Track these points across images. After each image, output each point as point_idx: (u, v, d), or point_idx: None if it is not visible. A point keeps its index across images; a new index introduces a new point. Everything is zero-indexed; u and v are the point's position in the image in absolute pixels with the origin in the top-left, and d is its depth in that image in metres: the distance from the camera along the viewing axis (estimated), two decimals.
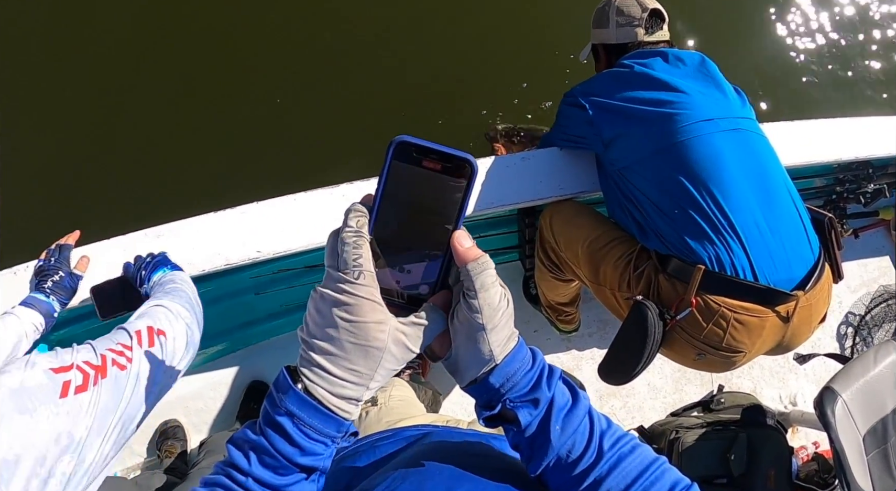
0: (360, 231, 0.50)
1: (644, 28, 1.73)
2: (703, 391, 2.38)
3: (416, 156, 0.49)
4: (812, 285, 1.48)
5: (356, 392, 0.52)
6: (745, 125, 1.56)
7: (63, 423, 0.71)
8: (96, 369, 0.79)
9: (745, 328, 1.46)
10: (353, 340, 0.50)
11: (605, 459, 0.54)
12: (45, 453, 0.68)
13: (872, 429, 1.80)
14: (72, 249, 1.51)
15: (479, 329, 0.52)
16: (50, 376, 0.73)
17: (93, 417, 0.75)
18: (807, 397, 2.41)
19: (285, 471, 0.51)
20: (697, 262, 1.46)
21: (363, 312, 0.49)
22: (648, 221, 1.57)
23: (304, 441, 0.50)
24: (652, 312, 1.48)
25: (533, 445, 0.56)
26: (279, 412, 0.50)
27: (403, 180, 0.50)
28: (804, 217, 1.54)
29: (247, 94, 2.77)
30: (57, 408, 0.71)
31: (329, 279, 0.51)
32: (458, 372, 0.57)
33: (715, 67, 1.65)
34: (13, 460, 0.65)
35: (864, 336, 2.45)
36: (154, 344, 0.93)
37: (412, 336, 0.52)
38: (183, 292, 1.15)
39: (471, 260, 0.51)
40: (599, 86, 1.67)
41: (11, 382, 0.70)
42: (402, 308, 0.53)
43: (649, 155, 1.55)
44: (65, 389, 0.73)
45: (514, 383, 0.54)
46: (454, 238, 0.51)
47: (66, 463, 0.71)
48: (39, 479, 0.67)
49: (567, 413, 0.55)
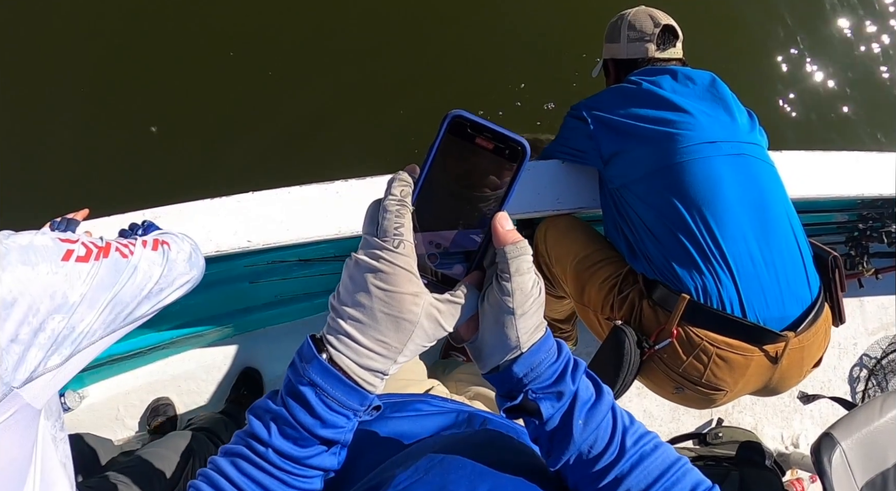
0: (404, 200, 0.49)
1: (655, 44, 1.67)
2: (701, 422, 2.30)
3: (470, 132, 0.48)
4: (806, 327, 1.40)
5: (383, 365, 0.51)
6: (749, 150, 1.49)
7: (60, 282, 0.75)
8: (99, 249, 0.85)
9: (728, 366, 1.40)
10: (386, 310, 0.49)
11: (627, 457, 0.53)
12: (38, 305, 0.72)
13: (871, 482, 1.70)
14: (79, 225, 1.55)
15: (508, 313, 0.51)
16: (56, 242, 0.79)
17: (88, 286, 0.80)
18: (810, 439, 2.30)
19: (305, 442, 0.50)
20: (683, 290, 1.41)
21: (399, 282, 0.48)
22: (639, 243, 1.52)
23: (325, 413, 0.50)
24: (630, 339, 1.43)
25: (553, 439, 0.54)
26: (302, 382, 0.50)
27: (453, 155, 0.49)
28: (805, 252, 1.46)
29: (251, 84, 2.79)
30: (57, 267, 0.76)
31: (366, 245, 0.50)
32: (481, 357, 0.55)
33: (726, 88, 1.58)
34: (10, 302, 0.69)
35: (878, 381, 2.32)
36: (157, 249, 1.00)
37: (446, 313, 0.51)
38: (187, 236, 1.21)
39: (510, 242, 0.50)
40: (604, 101, 1.63)
41: (21, 240, 0.75)
42: (433, 285, 0.52)
43: (646, 174, 1.50)
44: (67, 255, 0.78)
45: (538, 374, 0.53)
46: (496, 219, 0.50)
47: (57, 321, 0.75)
48: (30, 327, 0.71)
49: (591, 408, 0.54)
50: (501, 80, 2.90)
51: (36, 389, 0.75)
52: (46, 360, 0.75)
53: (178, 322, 2.01)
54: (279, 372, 2.24)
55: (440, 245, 0.51)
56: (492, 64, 2.92)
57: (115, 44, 2.76)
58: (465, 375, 1.54)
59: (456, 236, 0.51)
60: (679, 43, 1.70)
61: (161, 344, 2.03)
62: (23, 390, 0.72)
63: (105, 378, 2.13)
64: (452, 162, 0.49)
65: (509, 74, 2.91)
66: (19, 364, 0.70)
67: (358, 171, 1.77)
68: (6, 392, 0.69)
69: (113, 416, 2.14)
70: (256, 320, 2.20)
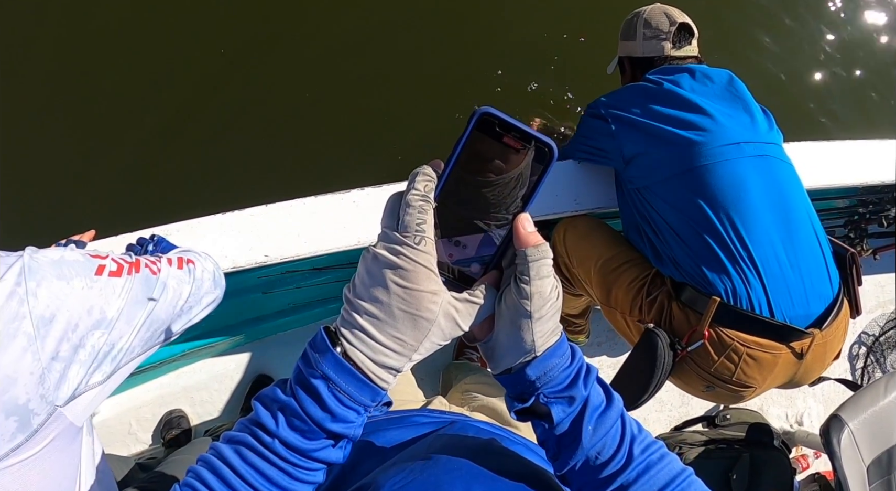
0: (427, 196, 0.48)
1: (671, 42, 1.67)
2: (709, 405, 2.36)
3: (498, 130, 0.47)
4: (829, 323, 1.44)
5: (398, 362, 0.50)
6: (771, 151, 1.50)
7: (96, 297, 0.74)
8: (130, 264, 0.84)
9: (757, 364, 1.43)
10: (404, 307, 0.48)
11: (634, 465, 0.53)
12: (77, 320, 0.70)
13: (877, 459, 1.78)
14: (85, 247, 1.49)
15: (525, 316, 0.50)
16: (86, 257, 0.77)
17: (125, 301, 0.79)
18: (813, 418, 2.39)
19: (313, 435, 0.50)
20: (713, 293, 1.43)
21: (418, 280, 0.48)
22: (664, 246, 1.53)
23: (336, 407, 0.49)
24: (662, 342, 1.45)
25: (561, 444, 0.54)
26: (314, 375, 0.49)
27: (479, 152, 0.48)
28: (826, 252, 1.50)
29: (261, 96, 2.73)
30: (91, 282, 0.74)
31: (385, 240, 0.49)
32: (494, 358, 0.55)
33: (743, 87, 1.59)
34: (49, 318, 0.67)
35: (876, 357, 2.42)
36: (183, 268, 0.99)
37: (464, 313, 0.51)
38: (208, 255, 1.20)
39: (531, 245, 0.49)
40: (625, 100, 1.62)
41: (52, 255, 0.73)
42: (450, 283, 0.51)
43: (670, 176, 1.50)
44: (100, 270, 0.77)
45: (551, 378, 0.52)
46: (518, 220, 0.50)
47: (97, 337, 0.74)
48: (70, 344, 0.70)
49: (601, 414, 0.54)
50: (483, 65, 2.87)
51: (78, 408, 0.73)
52: (88, 377, 0.73)
53: (189, 335, 1.97)
54: None
55: (459, 243, 0.51)
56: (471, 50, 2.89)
57: (120, 45, 2.67)
58: (475, 385, 1.55)
59: (476, 235, 0.51)
60: (694, 40, 1.70)
61: (172, 358, 2.00)
62: (66, 409, 0.71)
63: (116, 393, 2.08)
64: (478, 159, 0.48)
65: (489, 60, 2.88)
66: (61, 382, 0.69)
67: (351, 179, 1.75)
68: (51, 412, 0.68)
69: (126, 431, 2.10)
70: (268, 328, 2.17)
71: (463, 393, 1.51)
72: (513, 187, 0.49)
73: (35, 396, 0.66)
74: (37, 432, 0.67)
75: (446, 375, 2.16)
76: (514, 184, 0.49)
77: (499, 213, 0.50)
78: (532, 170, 0.49)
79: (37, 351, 0.66)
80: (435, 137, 2.68)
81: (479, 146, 0.48)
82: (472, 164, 0.48)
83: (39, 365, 0.66)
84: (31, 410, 0.66)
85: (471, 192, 0.49)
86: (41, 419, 0.67)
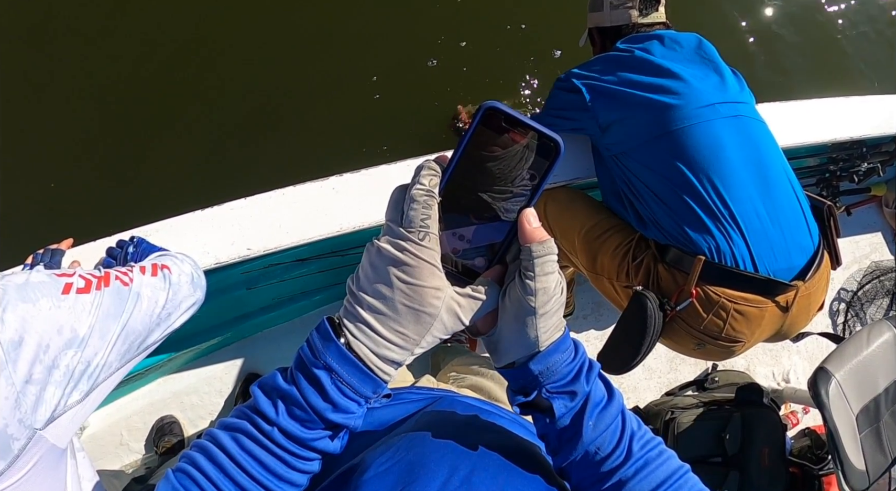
0: (432, 191, 0.48)
1: (638, 10, 1.68)
2: (698, 370, 2.40)
3: (504, 125, 0.47)
4: (812, 274, 1.47)
5: (400, 355, 0.50)
6: (744, 111, 1.53)
7: (65, 316, 0.73)
8: (99, 279, 0.83)
9: (745, 318, 1.46)
10: (407, 303, 0.48)
11: (633, 461, 0.54)
12: (48, 341, 0.70)
13: (865, 408, 1.83)
14: (63, 255, 1.46)
15: (529, 313, 0.50)
16: (52, 277, 0.76)
17: (95, 317, 0.78)
18: (799, 374, 2.44)
19: (313, 425, 0.50)
20: (697, 252, 1.45)
21: (422, 276, 0.48)
22: (646, 210, 1.55)
23: (338, 398, 0.49)
24: (652, 303, 1.47)
25: (562, 438, 0.55)
26: (317, 365, 0.49)
27: (484, 147, 0.48)
28: (804, 205, 1.53)
29: (231, 87, 2.69)
30: (59, 302, 0.73)
31: (390, 234, 0.49)
32: (497, 352, 0.55)
33: (713, 49, 1.60)
34: (18, 341, 0.66)
35: (856, 311, 2.48)
36: (157, 274, 0.97)
37: (466, 308, 0.51)
38: (186, 256, 1.18)
39: (536, 240, 0.49)
40: (597, 69, 1.63)
41: (17, 280, 0.72)
42: (454, 277, 0.51)
43: (648, 141, 1.52)
44: (66, 288, 0.76)
45: (554, 373, 0.53)
46: (523, 215, 0.50)
47: (71, 356, 0.73)
48: (43, 365, 0.69)
49: (602, 410, 0.54)
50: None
51: (59, 429, 0.72)
52: (66, 397, 0.73)
53: (174, 339, 1.92)
54: None
55: (464, 237, 0.51)
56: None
57: (95, 39, 2.62)
58: (462, 366, 1.55)
59: (480, 229, 0.51)
60: (661, 6, 1.71)
61: (159, 364, 1.96)
62: (46, 432, 0.70)
63: (104, 405, 2.04)
64: (483, 154, 0.48)
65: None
66: (38, 405, 0.68)
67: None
68: (30, 436, 0.67)
69: (117, 442, 2.06)
70: (253, 326, 2.15)
71: (451, 374, 1.52)
72: (518, 182, 0.49)
73: (12, 420, 0.65)
74: (18, 457, 0.66)
75: (435, 357, 2.16)
76: (519, 179, 0.49)
77: (504, 207, 0.50)
78: (538, 165, 0.49)
79: (9, 375, 0.65)
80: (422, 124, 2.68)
81: (485, 141, 0.48)
82: (477, 158, 0.48)
83: (13, 389, 0.65)
84: (10, 435, 0.65)
85: (475, 186, 0.49)
86: (21, 444, 0.66)
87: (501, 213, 0.50)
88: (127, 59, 2.63)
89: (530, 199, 0.50)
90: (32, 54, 2.59)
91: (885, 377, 1.85)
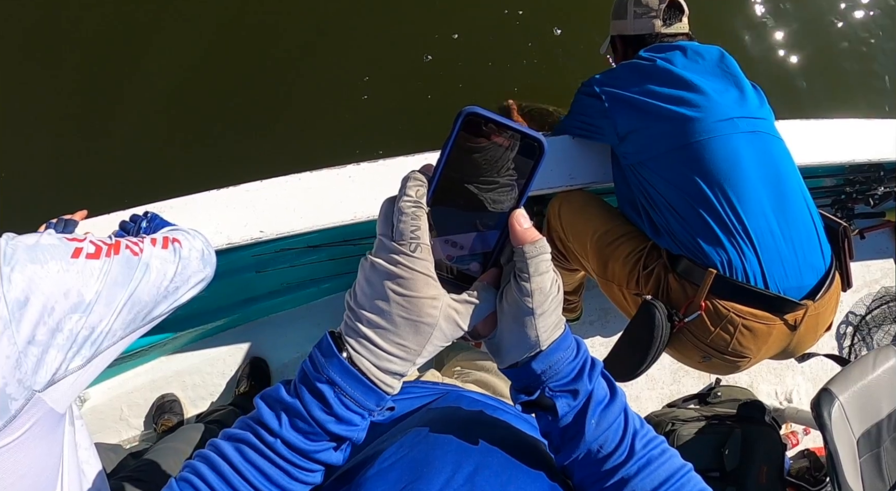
0: (420, 201, 0.48)
1: (662, 20, 1.68)
2: (701, 384, 2.39)
3: (485, 129, 0.47)
4: (822, 294, 1.47)
5: (402, 367, 0.51)
6: (763, 127, 1.52)
7: (73, 280, 0.73)
8: (109, 246, 0.83)
9: (752, 334, 1.45)
10: (405, 315, 0.49)
11: (635, 459, 0.54)
12: (53, 304, 0.70)
13: (867, 432, 1.82)
14: (77, 226, 1.47)
15: (527, 313, 0.50)
16: (63, 241, 0.77)
17: (102, 283, 0.78)
18: (802, 394, 2.43)
19: (316, 437, 0.50)
20: (709, 265, 1.45)
21: (417, 287, 0.48)
22: (660, 220, 1.55)
23: (341, 410, 0.49)
24: (660, 313, 1.47)
25: (565, 436, 0.55)
26: (320, 379, 0.49)
27: (468, 152, 0.48)
28: (818, 225, 1.52)
29: (256, 71, 2.69)
30: (67, 265, 0.74)
31: (382, 249, 0.49)
32: (499, 353, 0.55)
33: (734, 63, 1.60)
34: (23, 301, 0.67)
35: (863, 336, 2.46)
36: (168, 247, 0.98)
37: (464, 314, 0.51)
38: (198, 232, 1.18)
39: (528, 242, 0.49)
40: (619, 77, 1.63)
41: (28, 241, 0.73)
42: (450, 283, 0.51)
43: (665, 152, 1.52)
44: (76, 253, 0.76)
45: (556, 372, 0.53)
46: (513, 217, 0.50)
47: (75, 321, 0.73)
48: (47, 327, 0.69)
49: (604, 408, 0.54)
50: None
51: (58, 394, 0.73)
52: (68, 362, 0.73)
53: (180, 317, 1.94)
54: (286, 360, 2.20)
55: (456, 243, 0.51)
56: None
57: (109, 21, 2.63)
58: (467, 361, 1.56)
59: (472, 234, 0.51)
60: (685, 17, 1.71)
61: (163, 341, 1.97)
62: (45, 395, 0.70)
63: (106, 378, 2.06)
64: (467, 160, 0.48)
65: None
66: (39, 366, 0.69)
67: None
68: (28, 397, 0.68)
69: (117, 416, 2.08)
70: (261, 309, 2.16)
71: (456, 368, 1.52)
72: (505, 184, 0.49)
73: (12, 380, 0.65)
74: (15, 418, 0.66)
75: (439, 353, 2.17)
76: (505, 181, 0.49)
77: (493, 210, 0.50)
78: (523, 165, 0.49)
79: (12, 335, 0.65)
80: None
81: (468, 146, 0.47)
82: (461, 164, 0.48)
83: (15, 349, 0.66)
84: (9, 395, 0.65)
85: (463, 192, 0.49)
86: (19, 404, 0.66)
87: (492, 216, 0.50)
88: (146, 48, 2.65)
89: (519, 200, 0.50)
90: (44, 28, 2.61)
91: (888, 403, 1.84)
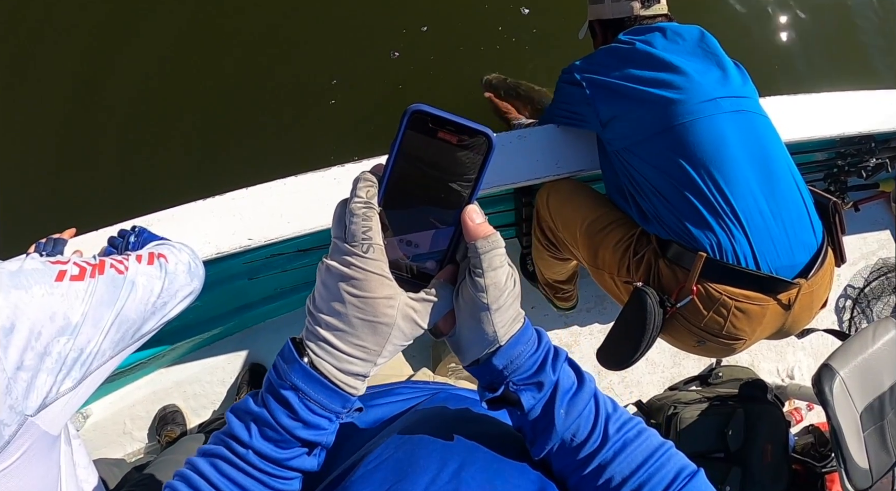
0: (370, 202, 0.48)
1: (640, 2, 1.66)
2: (702, 366, 2.39)
3: (431, 126, 0.47)
4: (815, 272, 1.45)
5: (363, 368, 0.51)
6: (747, 105, 1.50)
7: (58, 303, 0.74)
8: (93, 266, 0.83)
9: (746, 316, 1.44)
10: (361, 316, 0.49)
11: (610, 444, 0.54)
12: (39, 328, 0.70)
13: (869, 406, 1.81)
14: (66, 245, 1.47)
15: (483, 309, 0.50)
16: (46, 264, 0.77)
17: (88, 304, 0.78)
18: (804, 371, 2.42)
19: (287, 445, 0.51)
20: (699, 248, 1.43)
21: (371, 288, 0.48)
22: (648, 205, 1.53)
23: (308, 416, 0.50)
24: (652, 299, 1.46)
25: (536, 429, 0.55)
26: (284, 386, 0.50)
27: (417, 151, 0.48)
28: (808, 201, 1.51)
29: (228, 75, 2.67)
30: (52, 289, 0.74)
31: (336, 252, 0.49)
32: (460, 351, 0.56)
33: (715, 42, 1.58)
34: (9, 328, 0.67)
35: (862, 308, 2.45)
36: (153, 263, 0.98)
37: (422, 312, 0.51)
38: (184, 245, 1.18)
39: (480, 237, 0.49)
40: (598, 63, 1.61)
41: (11, 266, 0.73)
42: (408, 282, 0.51)
43: (649, 136, 1.50)
44: (60, 276, 0.76)
45: (518, 366, 0.53)
46: (465, 213, 0.50)
47: (63, 344, 0.73)
48: (35, 352, 0.69)
49: (572, 397, 0.54)
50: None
51: (51, 416, 0.73)
52: (58, 384, 0.73)
53: (176, 329, 1.95)
54: None
55: (412, 242, 0.51)
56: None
57: (88, 31, 2.62)
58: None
59: (427, 231, 0.51)
60: None
61: (162, 353, 1.97)
62: (37, 418, 0.71)
63: (107, 394, 2.07)
64: (416, 158, 0.48)
65: None
66: (29, 391, 0.69)
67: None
68: (21, 422, 0.68)
69: (120, 430, 2.08)
70: (256, 315, 2.16)
71: (450, 365, 1.53)
72: (456, 181, 0.49)
73: (3, 407, 0.65)
74: (9, 443, 0.67)
75: (435, 349, 2.19)
76: (456, 177, 0.49)
77: (446, 207, 0.50)
78: (472, 161, 0.49)
79: (0, 362, 0.65)
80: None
81: (416, 144, 0.47)
82: (411, 162, 0.48)
83: (4, 375, 0.66)
84: (1, 421, 0.65)
85: (415, 190, 0.49)
86: (12, 430, 0.67)
87: (447, 213, 0.50)
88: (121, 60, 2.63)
89: (471, 196, 0.50)
90: (26, 45, 2.60)
91: (889, 375, 1.83)
